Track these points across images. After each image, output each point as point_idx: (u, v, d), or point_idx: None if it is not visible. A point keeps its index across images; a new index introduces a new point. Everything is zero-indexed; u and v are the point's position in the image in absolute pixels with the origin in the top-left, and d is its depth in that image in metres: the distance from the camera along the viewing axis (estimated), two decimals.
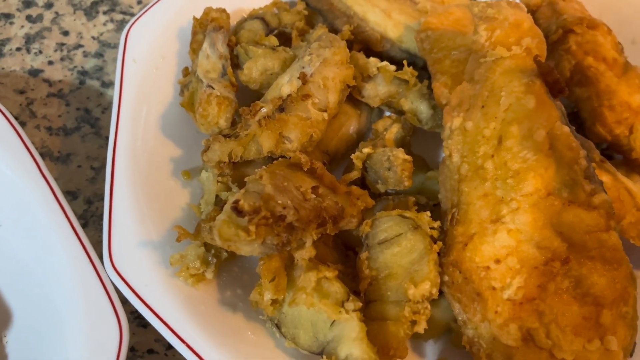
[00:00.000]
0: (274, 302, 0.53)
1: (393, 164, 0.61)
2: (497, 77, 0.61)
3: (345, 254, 0.64)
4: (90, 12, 0.87)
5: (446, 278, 0.57)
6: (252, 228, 0.47)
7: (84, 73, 0.82)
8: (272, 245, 0.50)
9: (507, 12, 0.62)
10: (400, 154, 0.61)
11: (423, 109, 0.69)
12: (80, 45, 0.84)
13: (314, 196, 0.54)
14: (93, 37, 0.85)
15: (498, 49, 0.61)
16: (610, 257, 0.54)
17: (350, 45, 0.76)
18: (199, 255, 0.55)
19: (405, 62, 0.69)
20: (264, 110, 0.60)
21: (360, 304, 0.53)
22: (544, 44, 0.63)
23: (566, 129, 0.56)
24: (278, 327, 0.52)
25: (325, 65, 0.62)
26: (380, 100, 0.70)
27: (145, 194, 0.61)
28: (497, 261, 0.55)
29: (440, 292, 0.59)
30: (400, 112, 0.71)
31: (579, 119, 0.70)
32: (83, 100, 0.80)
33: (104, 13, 0.88)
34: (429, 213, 0.59)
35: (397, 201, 0.65)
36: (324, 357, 0.52)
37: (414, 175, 0.70)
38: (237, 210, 0.48)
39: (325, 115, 0.63)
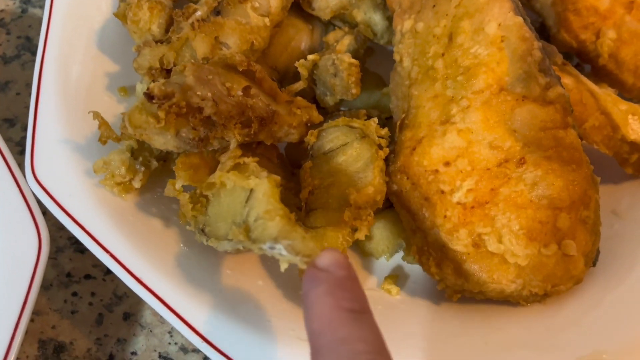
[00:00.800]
0: (191, 195, 0.47)
1: (338, 69, 0.57)
2: None
3: (292, 172, 0.60)
4: None
5: (394, 187, 0.53)
6: (162, 114, 0.43)
7: (26, 1, 0.78)
8: (187, 140, 0.46)
9: None
10: (346, 57, 0.57)
11: (377, 19, 0.64)
12: None
13: (240, 93, 0.49)
14: None
15: None
16: (569, 157, 0.50)
17: None
18: (124, 161, 0.51)
19: None
20: (198, 13, 0.56)
21: (279, 179, 0.48)
22: None
23: (519, 19, 0.52)
24: (203, 231, 0.48)
25: None
26: (332, 12, 0.65)
27: (74, 107, 0.57)
28: (447, 164, 0.51)
29: (389, 205, 0.56)
30: (354, 26, 0.66)
31: (545, 31, 0.65)
32: (24, 29, 0.76)
33: None
34: (375, 120, 0.55)
35: (348, 114, 0.61)
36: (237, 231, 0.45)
37: (370, 93, 0.66)
38: (149, 95, 0.44)
39: (267, 20, 0.58)
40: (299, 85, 0.60)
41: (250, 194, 0.45)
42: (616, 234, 0.57)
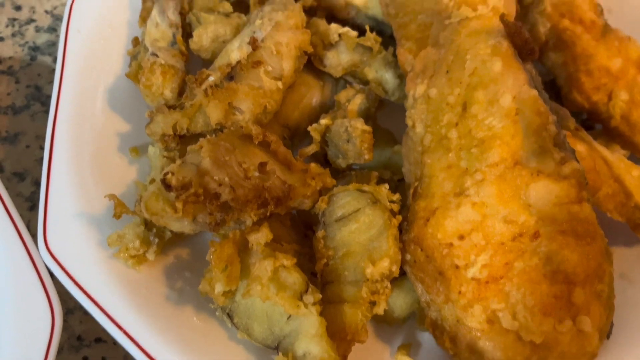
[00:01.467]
0: (226, 292, 0.49)
1: (351, 135, 0.57)
2: (462, 40, 0.56)
3: (305, 233, 0.60)
4: None
5: (408, 256, 0.53)
6: (179, 205, 0.43)
7: (35, 49, 0.78)
8: (204, 224, 0.46)
9: None
10: (359, 124, 0.57)
11: (388, 78, 0.65)
12: (32, 20, 0.80)
13: (257, 174, 0.49)
14: (46, 11, 0.81)
15: (463, 9, 0.56)
16: (583, 231, 0.50)
17: (313, 12, 0.72)
18: (138, 235, 0.51)
19: (367, 27, 0.64)
20: (211, 78, 0.56)
21: (320, 296, 0.49)
22: (513, 2, 0.58)
23: (534, 92, 0.52)
24: (230, 316, 0.48)
25: (277, 30, 0.57)
26: (343, 70, 0.65)
27: (87, 171, 0.57)
28: (461, 237, 0.51)
29: (403, 272, 0.56)
30: (365, 83, 0.66)
31: (556, 87, 0.66)
32: (34, 77, 0.76)
33: None
34: (387, 185, 0.54)
35: (359, 176, 0.61)
36: (280, 352, 0.48)
37: (381, 150, 0.66)
38: (166, 184, 0.44)
39: (280, 84, 0.58)
40: (312, 148, 0.60)
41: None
42: (629, 300, 0.57)
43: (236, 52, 0.56)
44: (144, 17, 0.65)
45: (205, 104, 0.55)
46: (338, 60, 0.65)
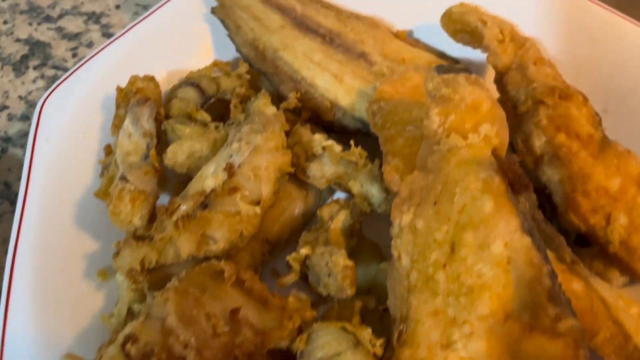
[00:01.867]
0: None
1: (332, 271, 0.53)
2: (451, 169, 0.53)
3: None
4: (19, 67, 0.79)
5: None
6: None
7: (6, 140, 0.74)
8: None
9: (464, 91, 0.54)
10: (341, 259, 0.53)
11: (374, 192, 0.61)
12: (5, 107, 0.76)
13: (227, 328, 0.46)
14: (20, 97, 0.77)
15: (452, 137, 0.53)
16: None
17: (298, 112, 0.68)
18: None
19: (352, 142, 0.61)
20: (183, 207, 0.53)
21: None
22: (505, 129, 0.55)
23: (527, 240, 0.48)
24: None
25: (256, 154, 0.54)
26: (327, 182, 0.62)
27: (48, 303, 0.53)
28: None
29: None
30: (350, 191, 0.63)
31: (551, 201, 0.62)
32: (3, 172, 0.72)
33: (34, 68, 0.79)
34: (369, 331, 0.51)
35: (342, 305, 0.57)
36: None
37: (366, 267, 0.62)
38: (126, 353, 0.40)
39: (258, 209, 0.55)
40: (291, 278, 0.56)
41: None
42: None
43: (211, 179, 0.53)
44: (116, 125, 0.61)
45: (176, 236, 0.52)
46: (322, 172, 0.62)
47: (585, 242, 0.63)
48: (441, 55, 0.78)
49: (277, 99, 0.68)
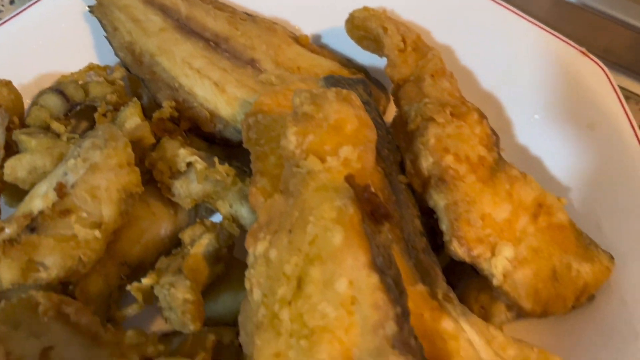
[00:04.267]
0: None
1: (171, 305, 0.48)
2: (309, 194, 0.47)
3: None
4: None
5: None
6: None
7: None
8: None
9: (329, 109, 0.49)
10: (180, 292, 0.48)
11: (244, 213, 0.56)
12: None
13: None
14: None
15: (310, 160, 0.48)
16: None
17: (177, 122, 0.63)
18: None
19: (216, 159, 0.55)
20: (7, 231, 0.47)
21: None
22: (371, 152, 0.50)
23: (375, 279, 0.43)
24: None
25: (94, 172, 0.48)
26: (194, 201, 0.57)
27: None
28: None
29: None
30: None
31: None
32: None
33: None
34: None
35: (196, 338, 0.52)
36: None
37: (235, 294, 0.57)
38: None
39: (98, 233, 0.49)
40: (133, 309, 0.51)
41: None
42: None
43: (40, 199, 0.47)
44: None
45: None
46: (187, 190, 0.56)
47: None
48: (347, 62, 0.72)
49: (158, 107, 0.62)
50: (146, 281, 0.50)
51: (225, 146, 0.63)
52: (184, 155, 0.55)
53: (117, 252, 0.55)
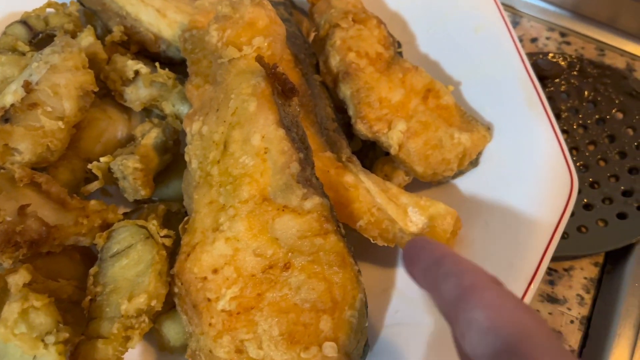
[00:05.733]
0: None
1: (124, 173, 0.59)
2: (231, 79, 0.59)
3: None
4: None
5: (175, 290, 0.56)
6: None
7: None
8: None
9: (244, 10, 0.60)
10: (131, 162, 0.59)
11: (185, 111, 0.67)
12: None
13: (9, 218, 0.51)
14: None
15: (230, 50, 0.59)
16: (331, 261, 0.53)
17: (127, 46, 0.74)
18: None
19: (157, 64, 0.66)
20: None
21: (67, 335, 0.51)
22: (280, 42, 0.61)
23: (281, 132, 0.54)
24: None
25: (54, 72, 0.59)
26: (142, 104, 0.68)
27: None
28: (215, 271, 0.54)
29: None
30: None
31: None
32: None
33: None
34: (155, 222, 0.57)
35: (150, 209, 0.63)
36: None
37: (177, 180, 0.68)
38: None
39: (62, 123, 0.60)
40: (94, 185, 0.62)
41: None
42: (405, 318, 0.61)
43: (10, 95, 0.58)
44: None
45: None
46: (137, 95, 0.67)
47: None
48: None
49: (107, 34, 0.73)
50: (104, 159, 0.61)
51: (169, 64, 0.73)
52: (131, 64, 0.66)
53: (81, 150, 0.66)
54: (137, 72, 0.66)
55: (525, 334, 0.34)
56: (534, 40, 0.89)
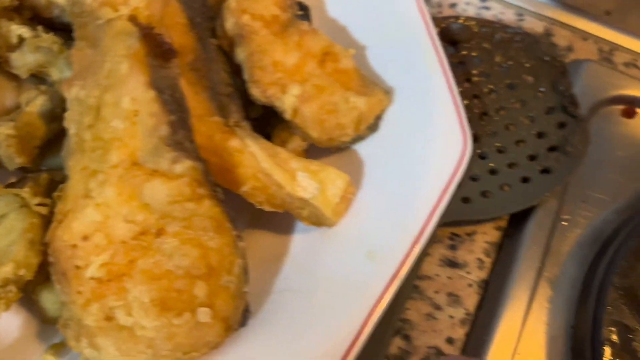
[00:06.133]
0: None
1: None
2: (108, 41, 0.57)
3: None
4: None
5: (50, 259, 0.54)
6: None
7: None
8: None
9: None
10: (3, 128, 0.57)
11: None
12: None
13: None
14: None
15: (104, 10, 0.57)
16: (206, 226, 0.52)
17: (19, 11, 0.71)
18: None
19: (41, 28, 0.64)
20: None
21: None
22: (159, 3, 0.59)
23: (151, 94, 0.53)
24: None
25: None
26: (29, 70, 0.65)
27: None
28: (85, 238, 0.52)
29: None
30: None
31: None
32: None
33: None
34: (28, 190, 0.55)
35: (32, 179, 0.61)
36: None
37: None
38: None
39: None
40: None
41: None
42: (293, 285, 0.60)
43: None
44: None
45: None
46: (23, 61, 0.65)
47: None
48: None
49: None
50: None
51: (65, 31, 0.71)
52: (15, 29, 0.64)
53: None
54: (21, 37, 0.64)
55: None
56: (452, 5, 0.87)
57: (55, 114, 0.64)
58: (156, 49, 0.55)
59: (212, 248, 0.52)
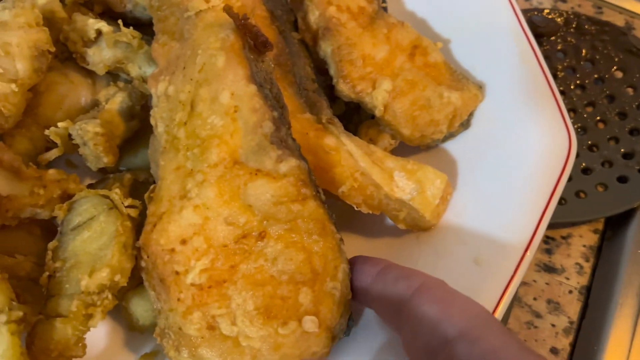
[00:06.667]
0: None
1: (84, 139, 0.54)
2: (198, 34, 0.54)
3: None
4: None
5: (142, 264, 0.51)
6: None
7: None
8: None
9: None
10: (91, 126, 0.54)
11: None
12: None
13: None
14: None
15: (195, 2, 0.54)
16: (310, 229, 0.49)
17: (91, 6, 0.68)
18: None
19: (120, 22, 0.61)
20: None
21: (21, 314, 0.46)
22: None
23: (252, 88, 0.50)
24: None
25: (4, 30, 0.54)
26: (106, 67, 0.62)
27: None
28: (183, 242, 0.49)
29: None
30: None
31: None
32: None
33: None
34: (118, 191, 0.52)
35: (115, 178, 0.58)
36: None
37: (147, 149, 0.63)
38: None
39: (15, 86, 0.55)
40: (54, 153, 0.57)
41: None
42: None
43: None
44: None
45: None
46: (100, 57, 0.62)
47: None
48: None
49: None
50: (62, 124, 0.56)
51: (136, 26, 0.68)
52: (93, 23, 0.61)
53: (40, 117, 0.61)
54: (99, 32, 0.61)
55: (477, 322, 0.37)
56: None
57: (135, 112, 0.62)
58: (252, 41, 0.52)
59: (317, 252, 0.49)
